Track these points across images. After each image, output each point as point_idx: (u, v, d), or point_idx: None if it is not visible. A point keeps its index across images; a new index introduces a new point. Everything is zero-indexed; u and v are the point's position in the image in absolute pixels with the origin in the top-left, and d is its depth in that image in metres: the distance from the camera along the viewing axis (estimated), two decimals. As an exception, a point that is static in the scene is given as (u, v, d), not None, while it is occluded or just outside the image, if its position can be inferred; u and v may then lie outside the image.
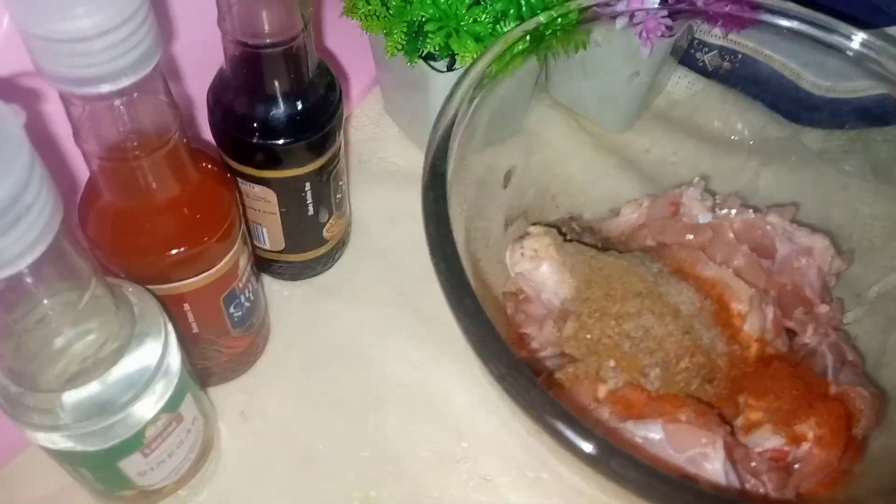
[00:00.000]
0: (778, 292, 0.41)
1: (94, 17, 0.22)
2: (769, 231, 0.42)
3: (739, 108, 0.47)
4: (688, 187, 0.45)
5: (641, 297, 0.37)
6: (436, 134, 0.33)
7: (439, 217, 0.30)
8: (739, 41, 0.46)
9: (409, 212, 0.34)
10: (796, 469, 0.35)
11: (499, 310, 0.41)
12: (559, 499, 0.39)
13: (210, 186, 0.33)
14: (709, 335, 0.37)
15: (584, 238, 0.43)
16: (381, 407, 0.41)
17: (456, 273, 0.29)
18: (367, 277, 0.47)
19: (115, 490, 0.32)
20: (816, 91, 0.44)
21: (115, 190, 0.29)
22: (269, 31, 0.32)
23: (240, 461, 0.39)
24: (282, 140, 0.36)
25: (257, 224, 0.41)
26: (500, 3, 0.40)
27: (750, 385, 0.37)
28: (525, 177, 0.43)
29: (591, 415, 0.35)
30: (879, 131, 0.42)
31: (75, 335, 0.26)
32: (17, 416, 0.27)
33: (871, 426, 0.37)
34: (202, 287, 0.33)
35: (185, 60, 0.41)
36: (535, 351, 0.39)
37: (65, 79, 0.23)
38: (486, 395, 0.41)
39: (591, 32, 0.42)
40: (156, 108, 0.27)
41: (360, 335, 0.44)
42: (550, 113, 0.47)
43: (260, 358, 0.43)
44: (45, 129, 0.34)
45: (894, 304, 0.41)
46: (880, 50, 0.39)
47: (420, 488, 0.39)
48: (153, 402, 0.29)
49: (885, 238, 0.42)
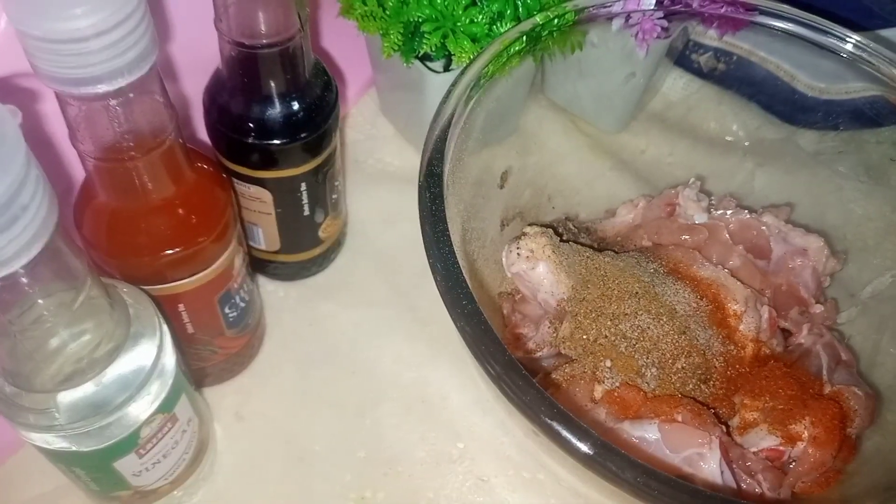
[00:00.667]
0: (773, 292, 0.42)
1: (90, 18, 0.22)
2: (764, 231, 0.43)
3: (734, 110, 0.48)
4: (683, 188, 0.45)
5: (637, 298, 0.37)
6: (432, 134, 0.33)
7: (435, 217, 0.30)
8: (734, 43, 0.46)
9: (405, 212, 0.34)
10: (791, 468, 0.35)
11: (495, 310, 0.41)
12: (555, 499, 0.39)
13: (205, 187, 0.33)
14: (704, 335, 0.37)
15: (580, 238, 0.43)
16: (376, 407, 0.41)
17: (452, 273, 0.29)
18: (363, 278, 0.47)
19: (110, 490, 0.32)
20: (811, 93, 0.45)
21: (111, 190, 0.29)
22: (265, 32, 0.32)
23: (235, 462, 0.39)
24: (277, 140, 0.36)
25: (253, 224, 0.41)
26: (496, 3, 0.40)
27: (745, 385, 0.37)
28: (521, 177, 0.43)
29: (588, 415, 0.35)
30: (873, 133, 0.42)
31: (70, 335, 0.26)
32: (13, 416, 0.27)
33: (865, 425, 0.37)
34: (197, 287, 0.33)
35: (182, 61, 0.41)
36: (532, 351, 0.39)
37: (61, 79, 0.23)
38: (483, 396, 0.41)
39: (587, 33, 0.42)
40: (152, 109, 0.27)
41: (355, 336, 0.44)
42: (546, 114, 0.47)
43: (255, 359, 0.43)
44: (41, 129, 0.34)
45: (887, 304, 0.41)
46: (873, 52, 0.39)
47: (416, 489, 0.39)
48: (148, 402, 0.29)
49: (878, 239, 0.42)
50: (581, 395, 0.35)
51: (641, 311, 0.36)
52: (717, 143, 0.48)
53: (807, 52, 0.41)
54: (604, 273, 0.38)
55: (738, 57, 0.47)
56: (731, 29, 0.43)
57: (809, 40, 0.40)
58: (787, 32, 0.40)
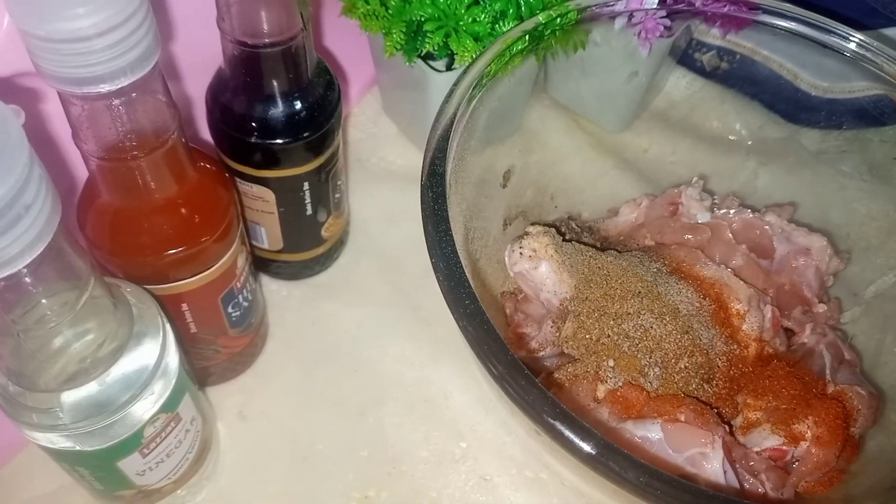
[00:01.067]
0: (776, 292, 0.42)
1: (93, 17, 0.22)
2: (767, 231, 0.43)
3: (737, 109, 0.48)
4: (686, 187, 0.45)
5: (640, 297, 0.37)
6: (434, 133, 0.33)
7: (438, 216, 0.30)
8: (737, 42, 0.46)
9: (408, 211, 0.34)
10: (794, 468, 0.35)
11: (497, 309, 0.41)
12: (558, 499, 0.39)
13: (208, 186, 0.33)
14: (707, 335, 0.37)
15: (583, 238, 0.43)
16: (379, 407, 0.41)
17: (455, 272, 0.29)
18: (366, 277, 0.47)
19: (114, 490, 0.32)
20: (814, 91, 0.44)
21: (114, 190, 0.29)
22: (268, 31, 0.32)
23: (238, 461, 0.39)
24: (280, 139, 0.36)
25: (255, 224, 0.41)
26: (498, 2, 0.40)
27: (748, 384, 0.37)
28: (524, 176, 0.43)
29: (590, 415, 0.35)
30: (876, 132, 0.42)
31: (74, 335, 0.26)
32: (16, 415, 0.27)
33: (868, 425, 0.37)
34: (200, 287, 0.33)
35: (184, 60, 0.41)
36: (534, 351, 0.39)
37: (64, 79, 0.23)
38: (485, 395, 0.41)
39: (589, 32, 0.42)
40: (154, 108, 0.27)
41: (358, 335, 0.44)
42: (549, 113, 0.47)
43: (258, 358, 0.43)
44: (44, 128, 0.34)
45: (891, 303, 0.41)
46: (877, 51, 0.39)
47: (419, 488, 0.39)
48: (151, 401, 0.29)
49: (881, 238, 0.42)
50: (584, 394, 0.35)
51: (644, 310, 0.36)
52: (720, 143, 0.48)
53: (810, 50, 0.41)
54: (606, 272, 0.38)
55: (742, 56, 0.47)
56: (734, 28, 0.43)
57: (813, 39, 0.40)
58: (790, 31, 0.40)
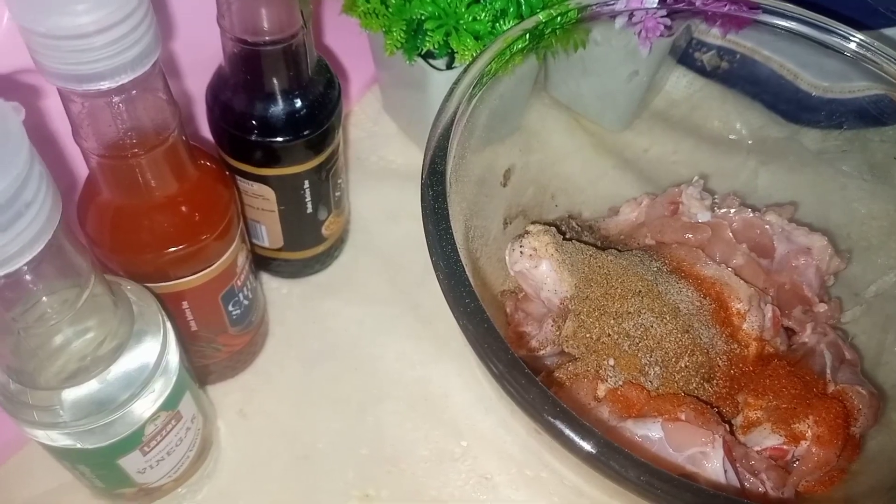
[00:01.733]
0: (776, 291, 0.42)
1: (94, 14, 0.22)
2: (768, 230, 0.43)
3: (738, 108, 0.48)
4: (687, 186, 0.45)
5: (641, 296, 0.37)
6: (435, 132, 0.33)
7: (438, 215, 0.30)
8: (738, 41, 0.46)
9: (408, 210, 0.34)
10: (795, 467, 0.35)
11: (498, 308, 0.41)
12: (558, 498, 0.39)
13: (209, 184, 0.33)
14: (708, 334, 0.37)
15: (584, 237, 0.43)
16: (379, 405, 0.41)
17: (455, 271, 0.29)
18: (366, 275, 0.47)
19: (115, 487, 0.32)
20: (814, 91, 0.44)
21: (114, 187, 0.29)
22: (268, 29, 0.32)
23: (239, 459, 0.39)
24: (280, 137, 0.36)
25: (256, 222, 0.41)
26: (499, 1, 0.40)
27: (749, 384, 0.37)
28: (524, 175, 0.43)
29: (591, 414, 0.35)
30: (877, 132, 0.42)
31: (74, 333, 0.26)
32: (17, 413, 0.27)
33: (869, 425, 0.37)
34: (201, 285, 0.33)
35: (185, 58, 0.41)
36: (535, 349, 0.39)
37: (64, 75, 0.23)
38: (485, 394, 0.41)
39: (590, 31, 0.42)
40: (155, 106, 0.27)
41: (358, 333, 0.44)
42: (549, 112, 0.47)
43: (258, 356, 0.43)
44: (44, 126, 0.34)
45: (892, 303, 0.41)
46: (877, 51, 0.39)
47: (419, 487, 0.39)
48: (152, 400, 0.29)
49: (882, 237, 0.42)
50: (584, 393, 0.35)
51: (645, 309, 0.36)
52: (721, 142, 0.48)
53: (811, 50, 0.41)
54: (607, 271, 0.38)
55: (742, 55, 0.47)
56: (735, 27, 0.43)
57: (813, 39, 0.40)
58: (790, 31, 0.40)
